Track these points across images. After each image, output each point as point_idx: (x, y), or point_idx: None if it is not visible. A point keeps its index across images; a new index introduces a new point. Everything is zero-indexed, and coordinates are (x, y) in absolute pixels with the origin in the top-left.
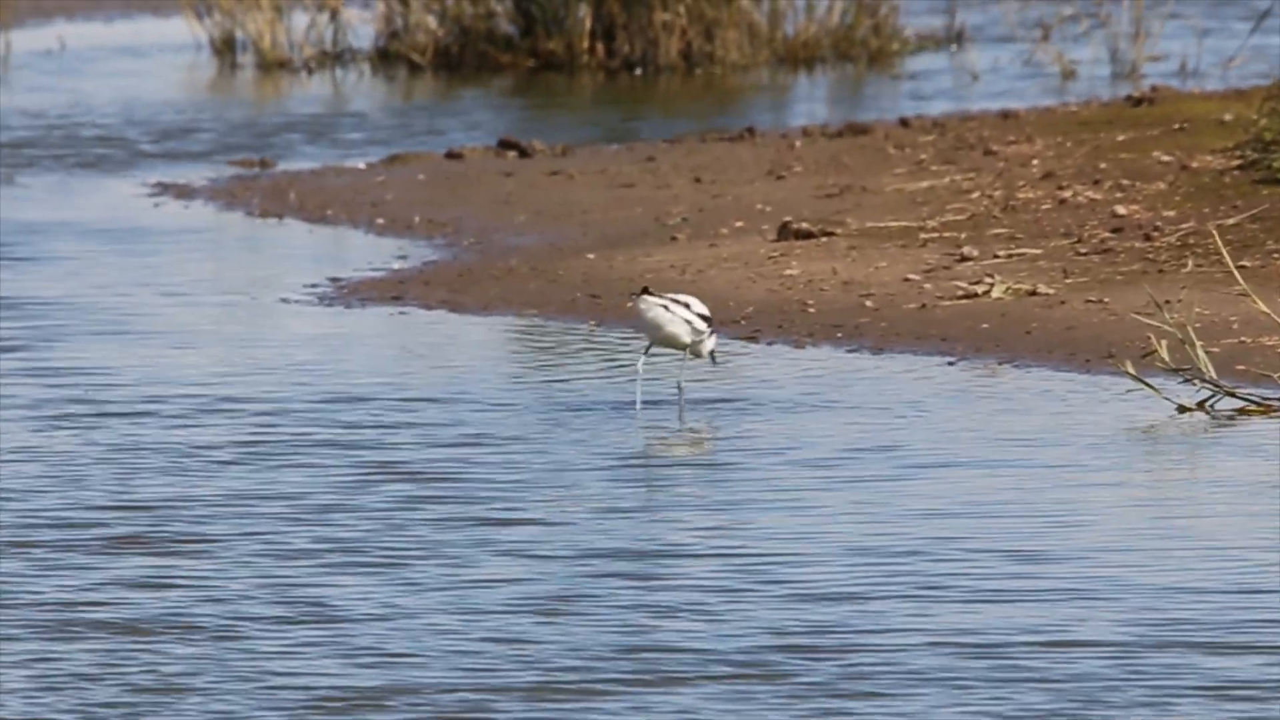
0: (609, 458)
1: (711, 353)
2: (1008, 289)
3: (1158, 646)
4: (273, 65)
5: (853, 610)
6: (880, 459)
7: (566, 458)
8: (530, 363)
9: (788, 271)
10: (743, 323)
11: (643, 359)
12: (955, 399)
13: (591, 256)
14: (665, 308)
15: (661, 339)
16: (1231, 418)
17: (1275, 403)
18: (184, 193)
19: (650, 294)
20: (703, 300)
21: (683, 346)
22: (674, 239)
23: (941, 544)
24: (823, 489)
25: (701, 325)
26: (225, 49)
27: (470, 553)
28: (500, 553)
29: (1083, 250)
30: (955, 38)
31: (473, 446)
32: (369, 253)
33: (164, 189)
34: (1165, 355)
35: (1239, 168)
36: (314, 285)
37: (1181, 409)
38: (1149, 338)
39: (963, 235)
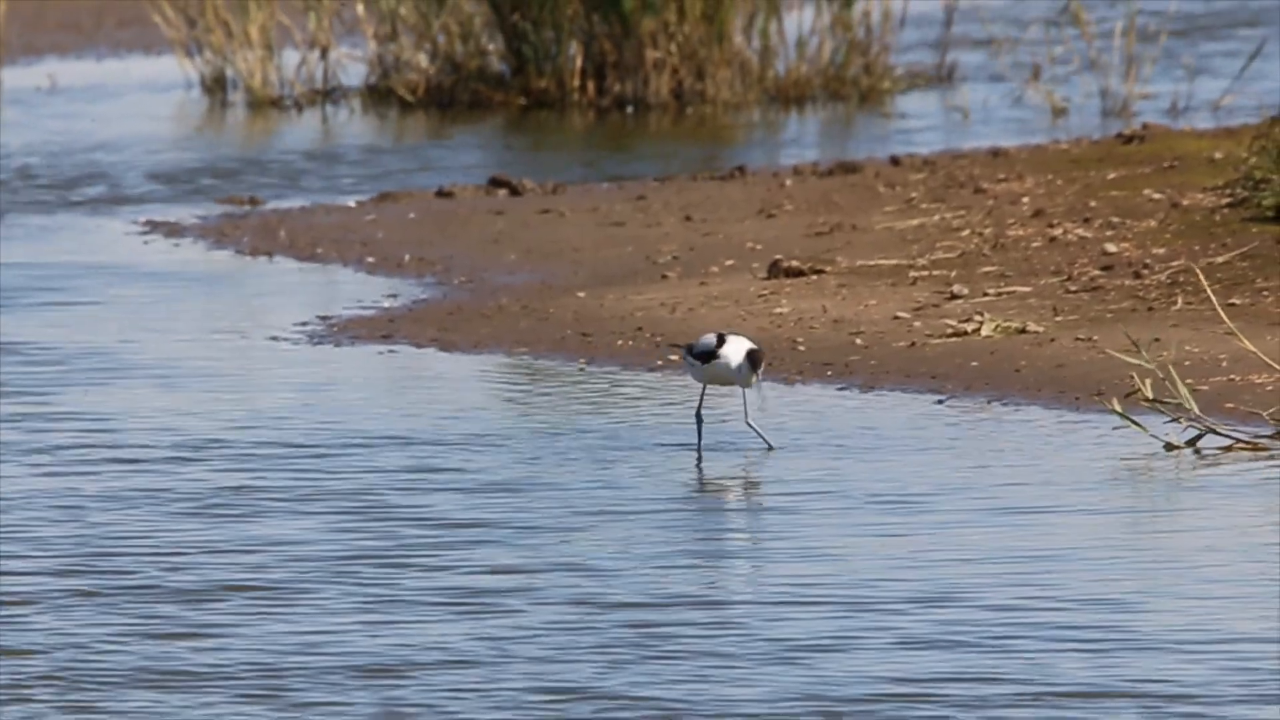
0: (640, 499)
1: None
2: (997, 327)
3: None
4: (263, 103)
5: (939, 659)
6: (918, 503)
7: (590, 500)
8: (528, 403)
9: (778, 309)
10: None
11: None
12: (965, 439)
13: (582, 295)
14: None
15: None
16: (1219, 456)
17: (1263, 440)
18: (174, 231)
19: (674, 346)
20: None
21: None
22: (665, 277)
23: (1022, 590)
24: (871, 534)
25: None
26: (216, 87)
27: (522, 601)
28: (553, 601)
29: (1073, 288)
30: (946, 76)
31: (488, 492)
32: (359, 291)
33: (154, 227)
34: (1149, 393)
35: (1229, 205)
36: (304, 323)
37: (1169, 447)
38: (1135, 376)
39: (952, 273)
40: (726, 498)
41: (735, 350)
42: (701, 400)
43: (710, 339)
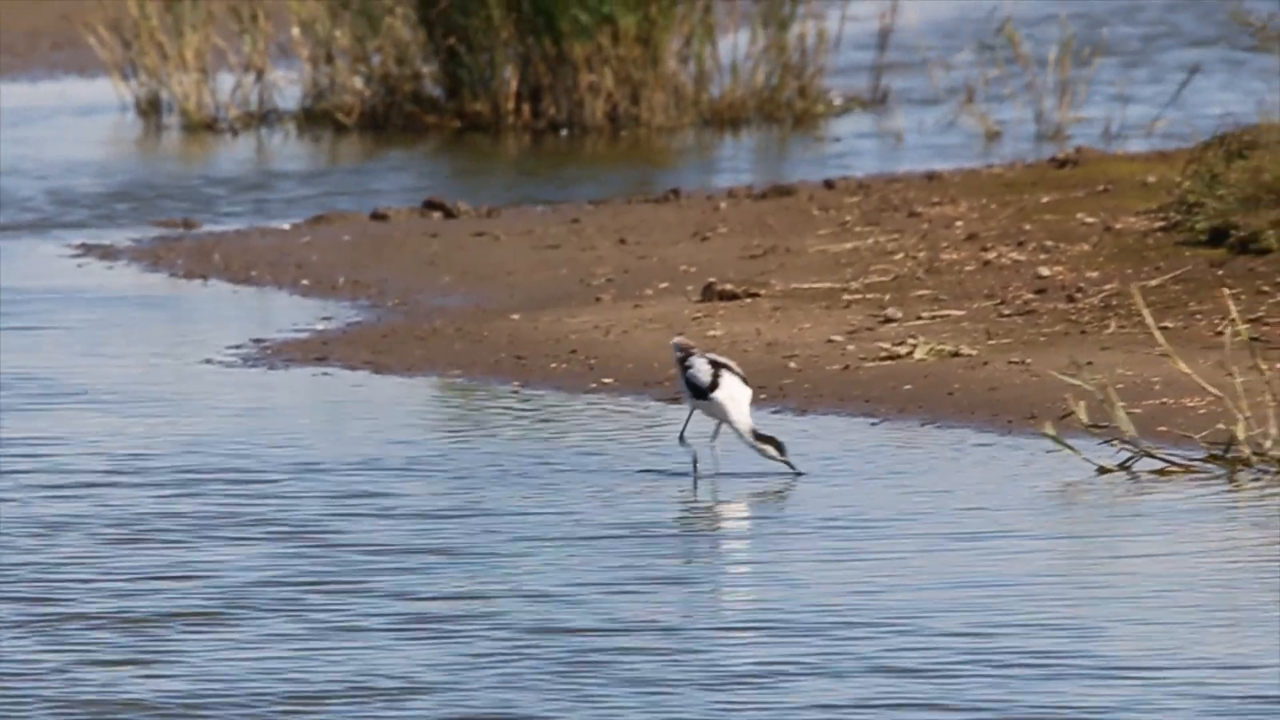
0: (585, 524)
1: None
2: (931, 350)
3: None
4: (198, 126)
5: (906, 686)
6: (867, 528)
7: (534, 526)
8: (464, 426)
9: (712, 332)
10: (666, 384)
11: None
12: (905, 463)
13: (516, 317)
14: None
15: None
16: (1154, 479)
17: (1195, 463)
18: (108, 254)
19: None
20: (632, 361)
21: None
22: (599, 300)
23: (967, 617)
24: (822, 559)
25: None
26: (151, 110)
27: (461, 627)
28: (521, 629)
29: (1006, 311)
30: (880, 99)
31: (430, 518)
32: (293, 313)
33: (88, 250)
34: (1084, 416)
35: (1162, 229)
36: (238, 346)
37: (1103, 470)
38: (1069, 398)
39: (886, 296)
40: (674, 523)
41: (728, 395)
42: (686, 424)
43: (705, 372)
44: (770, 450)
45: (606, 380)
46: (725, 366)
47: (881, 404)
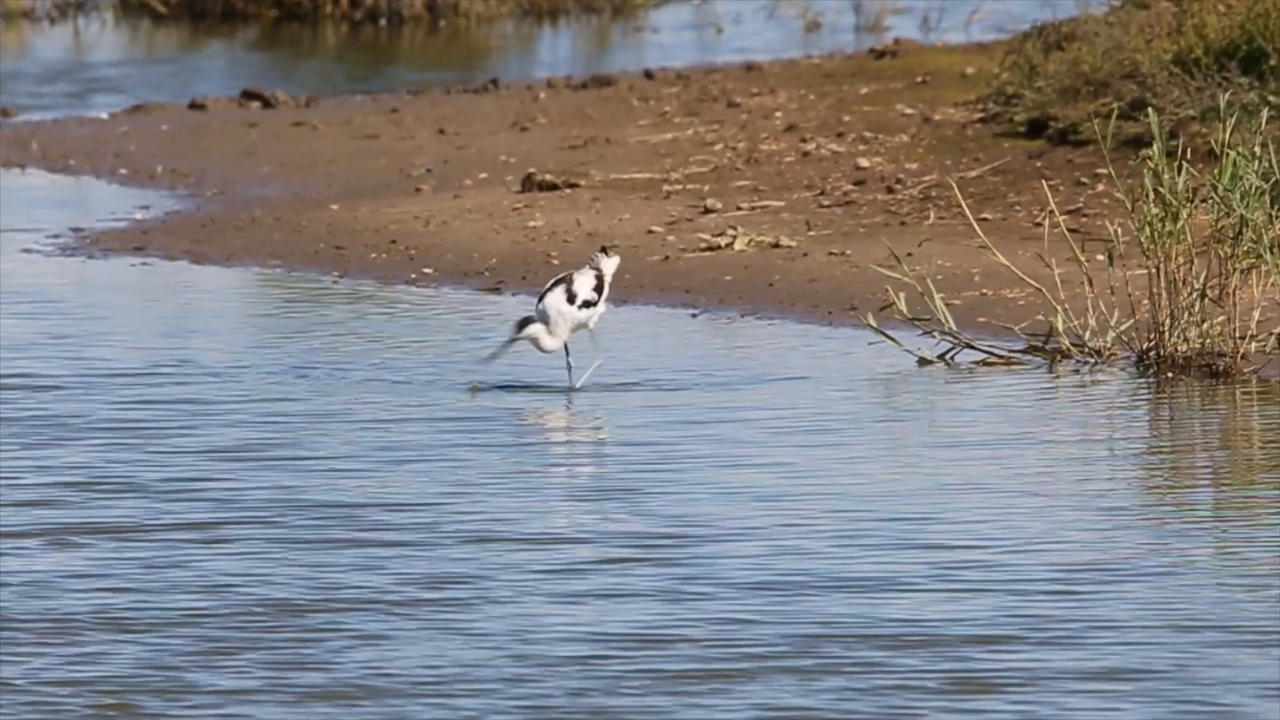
0: (459, 429)
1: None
2: (750, 241)
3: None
4: (15, 15)
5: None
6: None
7: (397, 431)
8: (294, 322)
9: (532, 223)
10: (486, 274)
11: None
12: (741, 354)
13: (335, 208)
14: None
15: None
16: (974, 370)
17: (1015, 355)
18: None
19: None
20: (451, 251)
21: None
22: (418, 190)
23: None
24: (647, 461)
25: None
26: None
27: (362, 537)
28: (397, 541)
29: (825, 203)
30: None
31: (288, 422)
32: (112, 203)
33: None
34: (904, 308)
35: (981, 121)
36: (56, 235)
37: (922, 361)
38: (889, 290)
39: (706, 187)
40: (497, 426)
41: (545, 304)
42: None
43: (553, 282)
44: (496, 352)
45: (426, 270)
46: (564, 282)
47: (702, 295)
